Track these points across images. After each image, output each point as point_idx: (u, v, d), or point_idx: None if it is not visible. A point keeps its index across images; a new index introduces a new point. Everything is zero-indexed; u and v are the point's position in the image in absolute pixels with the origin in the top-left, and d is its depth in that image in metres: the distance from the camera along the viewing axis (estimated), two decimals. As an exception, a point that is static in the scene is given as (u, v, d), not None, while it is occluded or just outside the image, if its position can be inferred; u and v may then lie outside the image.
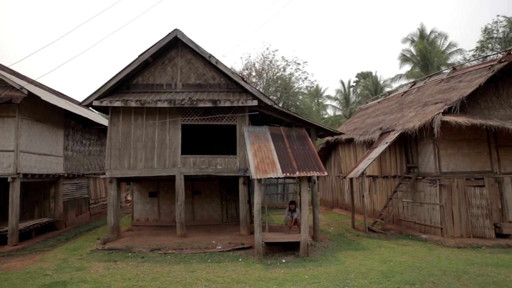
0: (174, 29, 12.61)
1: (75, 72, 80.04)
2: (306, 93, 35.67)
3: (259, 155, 10.94)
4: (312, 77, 72.88)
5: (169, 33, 12.61)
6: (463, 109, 12.47)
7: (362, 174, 13.83)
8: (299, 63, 29.84)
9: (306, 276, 8.15)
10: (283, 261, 9.56)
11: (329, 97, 45.60)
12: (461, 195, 12.25)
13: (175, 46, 13.15)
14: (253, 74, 28.16)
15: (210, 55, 12.65)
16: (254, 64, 28.45)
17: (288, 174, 10.03)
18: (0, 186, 14.42)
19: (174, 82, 13.14)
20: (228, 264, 9.36)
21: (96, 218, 18.87)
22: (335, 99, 43.90)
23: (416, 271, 8.46)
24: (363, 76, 45.07)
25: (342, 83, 43.10)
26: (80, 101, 12.89)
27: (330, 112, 45.11)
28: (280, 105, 24.37)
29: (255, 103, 12.30)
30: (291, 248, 10.46)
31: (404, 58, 35.19)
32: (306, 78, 31.78)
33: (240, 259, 9.83)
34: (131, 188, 17.08)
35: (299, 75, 30.18)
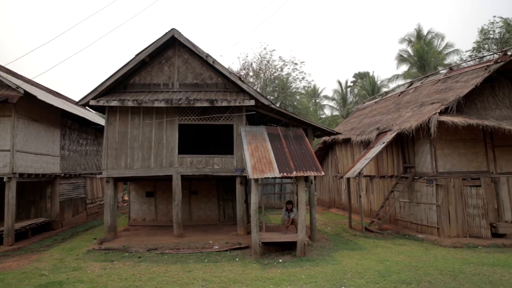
0: (171, 29, 12.58)
1: (72, 71, 79.86)
2: (304, 93, 35.74)
3: (256, 155, 10.94)
4: (309, 77, 73.36)
5: (166, 32, 12.58)
6: (459, 109, 12.52)
7: (359, 174, 13.85)
8: (296, 63, 30.05)
9: (303, 275, 8.16)
10: (280, 261, 9.56)
11: (326, 97, 45.72)
12: (458, 195, 12.29)
13: (172, 45, 13.13)
14: (251, 74, 28.19)
15: (207, 55, 12.63)
16: (252, 64, 28.51)
17: (285, 174, 10.03)
18: (-4, 186, 14.35)
19: (171, 81, 13.12)
20: (225, 264, 9.35)
21: (93, 218, 18.81)
22: (333, 99, 44.00)
23: (412, 270, 8.48)
24: (361, 76, 45.16)
25: (340, 83, 43.18)
26: (77, 100, 12.85)
27: (327, 112, 45.24)
28: (278, 105, 24.39)
29: (252, 102, 12.30)
30: (288, 248, 10.46)
31: (401, 59, 35.31)
32: (304, 78, 31.85)
33: (237, 259, 9.82)
34: (128, 188, 17.05)
35: (297, 75, 30.33)
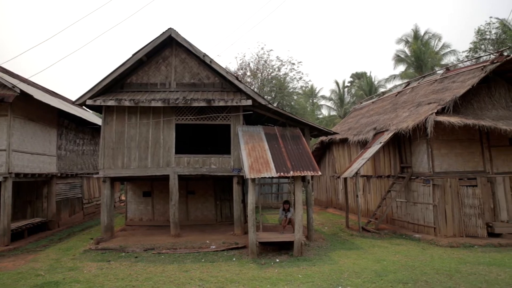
0: (168, 28, 12.56)
1: (69, 70, 79.61)
2: (301, 93, 35.78)
3: (253, 154, 10.94)
4: (306, 77, 73.39)
5: (163, 32, 12.55)
6: (456, 109, 12.56)
7: (356, 174, 13.87)
8: (293, 63, 29.95)
9: (299, 275, 8.16)
10: (277, 260, 9.56)
11: (323, 97, 45.74)
12: (454, 194, 12.33)
13: (169, 45, 13.10)
14: (248, 74, 28.17)
15: (204, 54, 12.62)
16: (249, 64, 28.50)
17: (282, 173, 10.03)
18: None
19: (168, 81, 13.10)
20: (222, 264, 9.34)
21: (90, 218, 18.75)
22: (330, 99, 44.04)
23: (409, 270, 8.50)
24: (358, 77, 45.20)
25: (337, 83, 43.25)
26: (73, 100, 12.81)
27: (324, 112, 45.27)
28: (275, 105, 24.40)
29: (249, 102, 12.30)
30: (285, 248, 10.47)
31: (398, 59, 35.39)
32: (301, 78, 31.95)
33: (234, 259, 9.82)
34: (125, 188, 17.00)
35: (294, 75, 30.29)
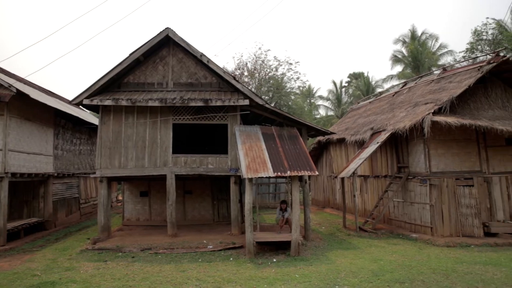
0: (166, 28, 12.55)
1: (67, 70, 79.37)
2: (298, 93, 35.76)
3: (250, 154, 10.94)
4: (304, 77, 73.31)
5: (160, 31, 12.54)
6: (453, 110, 12.60)
7: (353, 174, 13.90)
8: (291, 63, 29.91)
9: (296, 275, 8.17)
10: (274, 260, 9.57)
11: (321, 97, 45.83)
12: (451, 194, 12.37)
13: (167, 44, 13.09)
14: (245, 73, 28.17)
15: (202, 54, 12.61)
16: (246, 63, 28.49)
17: (279, 173, 10.04)
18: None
19: (165, 81, 13.08)
20: (219, 264, 9.34)
21: (87, 218, 18.70)
22: (327, 99, 44.12)
23: (406, 269, 8.53)
24: (355, 77, 45.29)
25: (334, 83, 43.33)
26: (70, 99, 12.77)
27: (322, 112, 45.33)
28: (272, 105, 24.41)
29: (247, 102, 12.29)
30: (282, 248, 10.47)
31: (395, 59, 35.49)
32: (298, 78, 31.83)
33: (231, 259, 9.81)
34: (122, 188, 16.97)
35: (291, 75, 30.27)
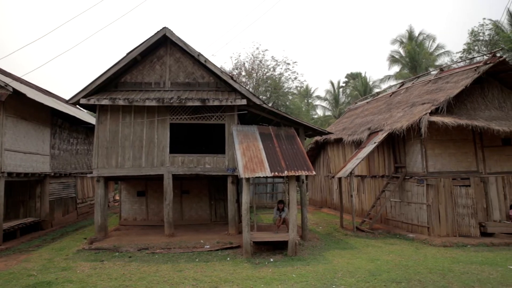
0: (163, 27, 12.52)
1: (64, 69, 79.13)
2: (296, 93, 35.82)
3: (247, 154, 10.93)
4: (302, 77, 73.42)
5: (157, 31, 12.51)
6: (449, 110, 12.65)
7: (350, 174, 13.91)
8: (289, 63, 30.00)
9: (293, 275, 8.17)
10: (271, 260, 9.57)
11: (318, 97, 45.89)
12: (448, 194, 12.41)
13: (164, 44, 13.06)
14: (243, 73, 28.16)
15: (199, 54, 12.59)
16: (244, 63, 28.48)
17: (276, 173, 10.04)
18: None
19: (162, 80, 13.06)
20: (216, 263, 9.33)
21: (84, 218, 18.64)
22: (325, 99, 44.18)
23: (402, 269, 8.54)
24: (353, 77, 45.37)
25: (332, 83, 43.38)
26: (67, 99, 12.72)
27: (319, 112, 45.42)
28: (270, 105, 24.40)
29: (244, 102, 12.28)
30: (279, 247, 10.47)
31: (393, 59, 35.58)
32: (296, 78, 31.95)
33: (228, 258, 9.81)
34: (119, 188, 16.93)
35: (289, 75, 30.32)
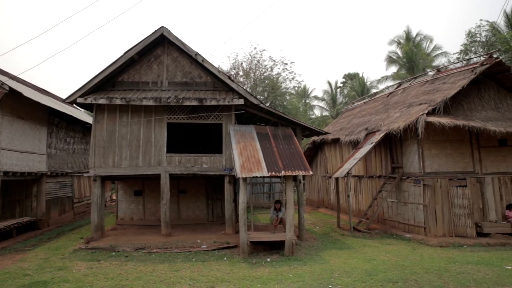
0: (160, 27, 12.51)
1: (62, 68, 78.85)
2: (294, 93, 35.83)
3: (244, 154, 10.93)
4: (299, 77, 73.65)
5: (155, 30, 12.50)
6: (446, 110, 12.68)
7: (347, 174, 13.92)
8: (286, 63, 29.95)
9: (290, 275, 8.17)
10: (268, 260, 9.56)
11: (316, 97, 45.90)
12: (444, 195, 12.44)
13: (161, 43, 13.04)
14: (241, 73, 28.12)
15: (197, 53, 12.58)
16: (242, 63, 28.45)
17: (273, 173, 10.04)
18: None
19: (160, 80, 13.03)
20: (212, 263, 9.32)
21: (80, 217, 18.58)
22: (322, 99, 44.20)
23: (399, 269, 8.56)
24: (350, 77, 45.46)
25: (329, 84, 43.42)
26: (64, 98, 12.69)
27: (317, 112, 45.44)
28: (267, 105, 24.38)
29: (241, 102, 12.28)
30: (276, 247, 10.47)
31: (390, 60, 35.66)
32: (294, 78, 31.80)
33: (225, 258, 9.80)
34: (116, 187, 16.88)
35: (287, 75, 30.25)
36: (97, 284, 7.64)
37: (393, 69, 36.17)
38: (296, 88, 34.91)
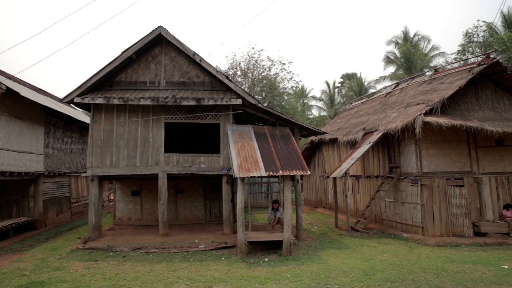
0: (158, 26, 12.49)
1: (60, 67, 78.65)
2: (291, 93, 35.84)
3: (242, 153, 10.93)
4: (297, 77, 73.61)
5: (153, 30, 12.47)
6: (444, 110, 12.72)
7: (345, 174, 13.95)
8: (284, 63, 29.92)
9: (288, 274, 8.17)
10: (266, 260, 9.57)
11: (314, 97, 45.96)
12: (442, 194, 12.47)
13: (159, 43, 13.02)
14: (239, 73, 28.12)
15: (194, 53, 12.57)
16: (240, 63, 28.45)
17: (271, 172, 10.04)
18: (-23, 184, 14.03)
19: (157, 79, 13.01)
20: (210, 263, 9.31)
21: (78, 218, 18.54)
22: (320, 99, 44.24)
23: (396, 269, 8.58)
24: (348, 77, 45.49)
25: (327, 84, 43.46)
26: (61, 97, 12.65)
27: (315, 112, 45.48)
28: (265, 105, 24.38)
29: (239, 101, 12.27)
30: (274, 247, 10.47)
31: (388, 60, 35.72)
32: (291, 78, 31.88)
33: (222, 258, 9.79)
34: (113, 187, 16.85)
35: (285, 75, 30.33)
36: (94, 284, 7.62)
37: (391, 69, 36.30)
38: (294, 88, 34.93)
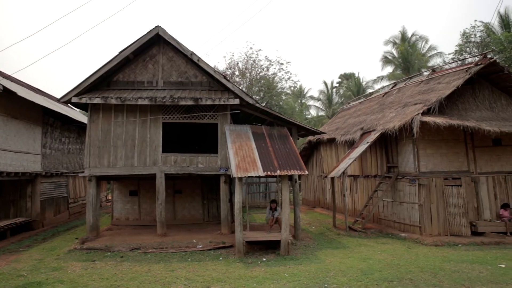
0: (156, 26, 12.47)
1: (59, 66, 78.43)
2: (289, 93, 35.90)
3: (240, 153, 10.92)
4: (295, 77, 73.65)
5: (150, 30, 12.47)
6: (441, 110, 12.74)
7: (343, 174, 13.96)
8: (282, 63, 30.05)
9: (286, 274, 8.17)
10: (264, 259, 9.57)
11: (312, 97, 46.04)
12: (439, 194, 12.50)
13: (157, 43, 13.01)
14: (236, 73, 28.14)
15: (192, 53, 12.56)
16: (238, 63, 28.47)
17: (269, 172, 10.04)
18: (-26, 184, 13.98)
19: (155, 79, 13.00)
20: (208, 263, 9.30)
21: (75, 218, 18.49)
22: (318, 99, 44.32)
23: (394, 268, 8.59)
24: (346, 77, 45.57)
25: (325, 83, 43.53)
26: (59, 97, 12.62)
27: (313, 112, 45.55)
28: (263, 105, 24.39)
29: (237, 101, 12.27)
30: (272, 247, 10.47)
31: (386, 60, 35.79)
32: (289, 78, 32.00)
33: (220, 258, 9.79)
34: (111, 187, 16.82)
35: (282, 75, 30.37)
36: (92, 285, 7.61)
37: (389, 69, 36.38)
38: (292, 88, 35.02)
